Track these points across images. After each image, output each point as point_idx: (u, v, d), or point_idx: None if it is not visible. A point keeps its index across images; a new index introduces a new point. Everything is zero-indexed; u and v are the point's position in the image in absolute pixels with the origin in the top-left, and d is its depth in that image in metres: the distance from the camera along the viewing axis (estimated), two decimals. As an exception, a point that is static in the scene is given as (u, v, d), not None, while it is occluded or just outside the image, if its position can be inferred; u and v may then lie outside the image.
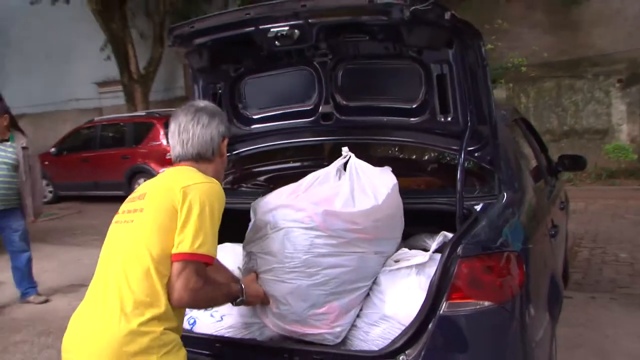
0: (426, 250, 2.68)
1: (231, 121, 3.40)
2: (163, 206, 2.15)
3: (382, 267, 2.68)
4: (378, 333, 2.51)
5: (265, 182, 4.05)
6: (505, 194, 2.87)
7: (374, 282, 2.65)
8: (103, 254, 2.25)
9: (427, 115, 3.13)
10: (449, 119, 3.05)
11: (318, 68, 3.25)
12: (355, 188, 2.70)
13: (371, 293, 2.64)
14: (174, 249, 2.09)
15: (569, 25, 12.34)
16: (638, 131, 12.11)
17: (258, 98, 3.52)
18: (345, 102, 3.32)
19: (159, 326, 2.05)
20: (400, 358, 2.28)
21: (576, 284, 5.66)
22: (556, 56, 12.15)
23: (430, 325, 2.28)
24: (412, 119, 3.19)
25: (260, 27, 2.80)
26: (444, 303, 2.29)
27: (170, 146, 2.44)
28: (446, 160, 3.85)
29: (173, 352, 2.09)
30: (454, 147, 3.05)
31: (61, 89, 19.87)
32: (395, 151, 4.20)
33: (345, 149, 2.89)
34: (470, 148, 2.96)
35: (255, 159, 4.06)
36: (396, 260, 2.70)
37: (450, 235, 2.61)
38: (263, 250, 2.57)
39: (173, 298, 2.07)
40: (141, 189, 2.35)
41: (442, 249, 2.42)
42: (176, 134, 2.39)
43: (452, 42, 2.82)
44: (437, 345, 2.29)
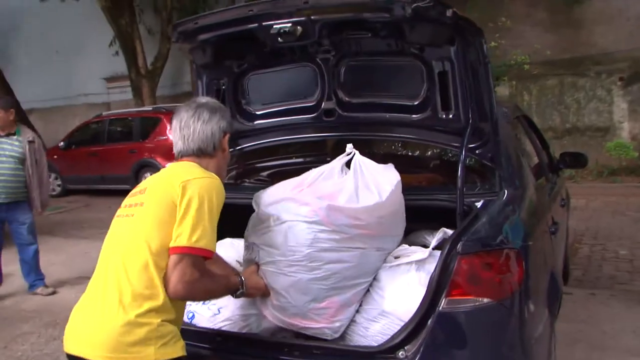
0: (426, 246, 2.69)
1: (234, 117, 3.42)
2: (163, 201, 2.16)
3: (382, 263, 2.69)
4: (377, 329, 2.52)
5: (267, 178, 4.05)
6: (505, 191, 2.87)
7: (374, 278, 2.64)
8: (104, 248, 2.27)
9: (429, 112, 3.13)
10: (451, 116, 3.06)
11: (321, 64, 3.26)
12: (359, 184, 2.70)
13: (371, 289, 2.63)
14: (172, 242, 2.10)
15: (572, 23, 12.34)
16: (639, 129, 12.11)
17: (261, 94, 3.53)
18: (347, 99, 3.33)
19: (157, 318, 2.07)
20: (399, 354, 2.28)
21: (576, 281, 5.69)
22: (559, 54, 12.16)
23: (429, 321, 2.28)
24: (414, 116, 3.20)
25: (263, 24, 2.80)
26: (444, 299, 2.29)
27: (172, 142, 2.46)
28: (447, 157, 3.85)
29: (171, 344, 2.10)
30: (455, 144, 3.06)
31: (71, 84, 19.99)
32: (396, 148, 4.20)
33: (349, 146, 2.90)
34: (471, 145, 2.97)
35: (258, 155, 4.06)
36: (396, 256, 2.70)
37: (450, 231, 2.62)
38: (265, 242, 2.56)
39: (169, 290, 2.07)
40: (143, 184, 2.37)
41: (442, 246, 2.43)
42: (178, 130, 2.40)
43: (454, 40, 2.82)
44: (436, 341, 2.29)
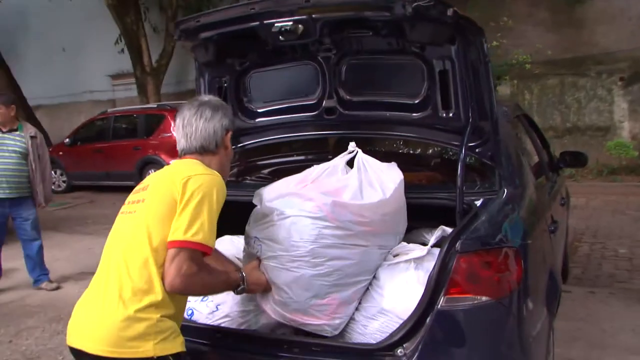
0: (425, 244, 2.69)
1: (236, 114, 3.42)
2: (164, 197, 2.17)
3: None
4: (376, 326, 2.52)
5: (269, 175, 4.06)
6: (505, 190, 2.87)
7: (373, 276, 2.64)
8: (108, 244, 2.29)
9: (429, 110, 3.14)
10: (451, 115, 3.06)
11: (322, 63, 3.27)
12: (363, 182, 2.71)
13: (370, 287, 2.63)
14: (169, 236, 2.11)
15: (573, 23, 12.33)
16: (639, 129, 12.11)
17: (263, 92, 3.54)
18: (348, 97, 3.34)
19: (156, 313, 2.08)
20: (397, 352, 2.29)
21: (576, 279, 5.70)
22: (560, 54, 12.16)
23: (428, 319, 2.28)
24: (415, 114, 3.21)
25: (264, 22, 2.81)
26: (442, 298, 2.29)
27: (176, 140, 2.48)
28: (447, 155, 3.86)
29: (170, 339, 2.11)
30: (455, 143, 3.07)
31: (76, 82, 20.06)
32: (396, 146, 4.21)
33: (352, 144, 2.91)
34: (471, 144, 2.97)
35: (259, 152, 4.07)
36: (395, 254, 2.71)
37: (448, 229, 2.63)
38: (268, 236, 2.55)
39: (165, 283, 2.08)
40: (146, 181, 2.38)
41: (441, 244, 2.43)
42: (181, 128, 2.42)
43: (455, 39, 2.83)
44: (435, 339, 2.30)
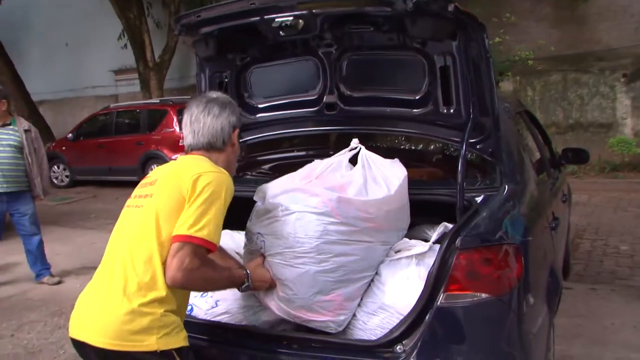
0: (427, 240, 2.68)
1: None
2: (172, 194, 2.18)
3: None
4: (377, 322, 2.52)
5: (269, 171, 4.06)
6: (506, 186, 2.86)
7: (375, 272, 2.65)
8: (113, 237, 2.30)
9: (430, 106, 3.13)
10: (452, 111, 3.05)
11: (323, 58, 3.26)
12: (367, 177, 2.72)
13: (371, 282, 2.63)
14: (174, 231, 2.11)
15: (576, 20, 12.30)
16: (642, 125, 12.09)
17: (264, 87, 3.54)
18: (349, 93, 3.33)
19: (160, 308, 2.09)
20: (397, 348, 2.29)
21: (577, 275, 5.69)
22: (563, 50, 12.13)
23: (427, 316, 2.28)
24: (415, 110, 3.19)
25: (265, 17, 2.80)
26: (442, 294, 2.29)
27: (183, 135, 2.48)
28: (449, 151, 3.85)
29: (173, 334, 2.12)
30: (456, 139, 3.05)
31: (79, 77, 20.10)
32: (397, 142, 4.20)
33: (355, 141, 2.90)
34: (472, 140, 2.96)
35: (260, 148, 4.07)
36: (397, 250, 2.70)
37: (451, 226, 2.62)
38: (272, 232, 2.54)
39: (167, 277, 2.08)
40: (153, 175, 2.38)
41: (441, 240, 2.43)
42: (188, 124, 2.43)
43: (456, 34, 2.82)
44: (434, 336, 2.30)
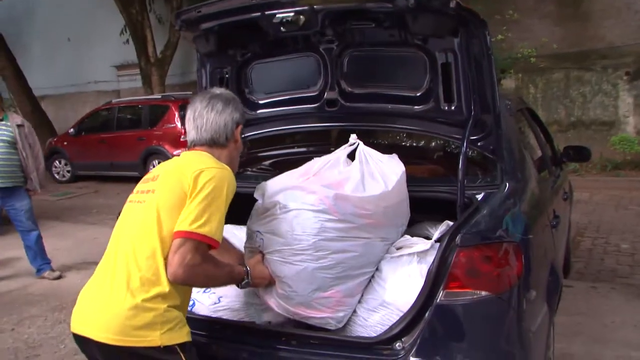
0: (429, 238, 2.67)
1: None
2: (174, 189, 2.18)
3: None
4: (377, 319, 2.52)
5: (270, 167, 4.06)
6: (507, 184, 2.86)
7: (376, 269, 2.64)
8: (115, 232, 2.31)
9: (431, 103, 3.12)
10: (453, 108, 3.05)
11: (324, 54, 3.25)
12: (365, 174, 2.71)
13: (372, 279, 2.63)
14: (176, 227, 2.12)
15: (579, 17, 12.26)
16: (644, 124, 12.06)
17: (264, 83, 3.53)
18: (350, 89, 3.32)
19: (163, 303, 2.10)
20: (396, 345, 2.28)
21: (578, 274, 5.69)
22: (565, 48, 12.08)
23: (427, 313, 2.28)
24: (417, 107, 3.19)
25: (265, 13, 2.80)
26: (441, 292, 2.28)
27: (186, 131, 2.48)
28: (450, 148, 3.84)
29: (176, 329, 2.13)
30: (457, 136, 3.05)
31: (81, 72, 20.12)
32: (399, 139, 4.19)
33: (353, 137, 2.89)
34: (473, 137, 2.95)
35: (260, 144, 4.07)
36: (398, 247, 2.70)
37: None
38: (270, 230, 2.55)
39: (168, 273, 2.09)
40: (155, 171, 2.39)
41: (442, 238, 2.42)
42: (191, 120, 2.43)
43: (458, 31, 2.81)
44: (434, 333, 2.30)
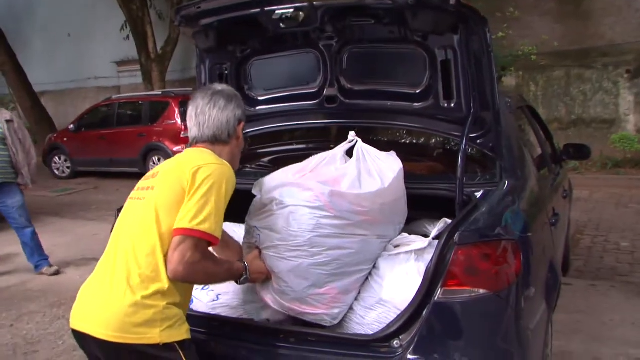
0: (427, 236, 2.67)
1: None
2: (173, 186, 2.18)
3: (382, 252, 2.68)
4: (374, 317, 2.51)
5: (269, 163, 4.05)
6: (506, 182, 2.85)
7: (373, 266, 2.64)
8: (116, 229, 2.31)
9: (431, 100, 3.11)
10: (453, 105, 3.04)
11: (323, 51, 3.24)
12: (361, 171, 2.70)
13: (370, 277, 2.63)
14: (175, 224, 2.11)
15: (580, 15, 12.27)
16: (644, 122, 12.07)
17: (264, 79, 3.53)
18: (349, 86, 3.32)
19: (163, 300, 2.10)
20: (394, 343, 2.28)
21: (577, 272, 5.69)
22: (566, 46, 12.10)
23: (425, 311, 2.27)
24: (416, 104, 3.18)
25: (265, 9, 2.79)
26: (439, 289, 2.27)
27: (187, 127, 2.47)
28: (449, 146, 3.84)
29: (176, 327, 2.13)
30: (457, 133, 3.04)
31: (82, 68, 20.20)
32: (398, 136, 4.18)
33: (352, 134, 2.89)
34: (472, 134, 2.95)
35: (260, 140, 4.06)
36: (396, 245, 2.69)
37: (450, 222, 2.61)
38: (266, 226, 2.55)
39: (168, 270, 2.09)
40: (157, 168, 2.39)
41: (440, 235, 2.41)
42: (193, 116, 2.42)
43: (458, 28, 2.80)
44: (431, 331, 2.29)
